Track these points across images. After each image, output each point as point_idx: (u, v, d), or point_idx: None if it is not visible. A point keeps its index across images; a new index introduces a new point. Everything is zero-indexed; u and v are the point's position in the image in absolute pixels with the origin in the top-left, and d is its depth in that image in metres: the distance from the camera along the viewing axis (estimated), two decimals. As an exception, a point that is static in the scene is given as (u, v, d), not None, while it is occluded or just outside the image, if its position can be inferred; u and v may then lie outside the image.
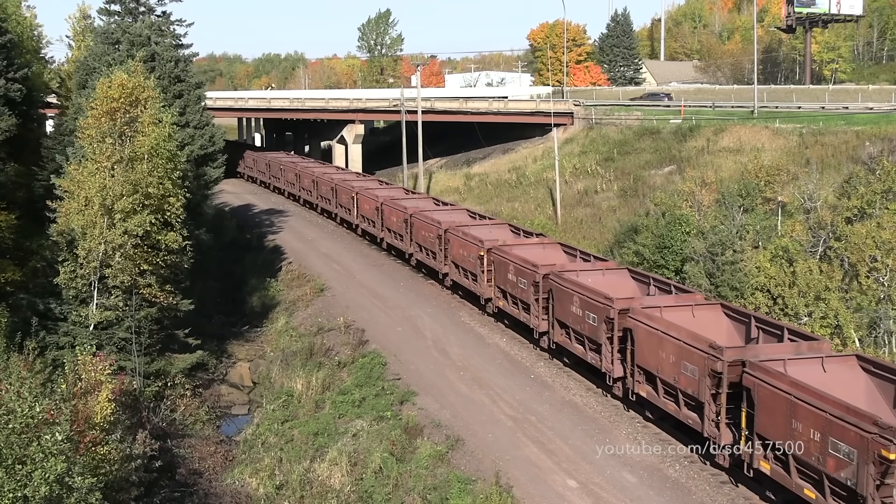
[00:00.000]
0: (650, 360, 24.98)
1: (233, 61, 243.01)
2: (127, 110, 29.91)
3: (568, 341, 30.05)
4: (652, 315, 25.39)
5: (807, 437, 19.40)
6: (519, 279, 32.88)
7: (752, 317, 25.44)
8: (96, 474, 17.28)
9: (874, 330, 31.48)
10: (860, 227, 33.81)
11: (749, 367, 21.32)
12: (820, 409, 19.07)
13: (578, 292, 28.88)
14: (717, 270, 37.98)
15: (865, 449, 17.92)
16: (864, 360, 21.88)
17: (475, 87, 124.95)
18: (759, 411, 20.85)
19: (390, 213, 46.75)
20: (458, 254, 38.42)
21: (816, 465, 19.24)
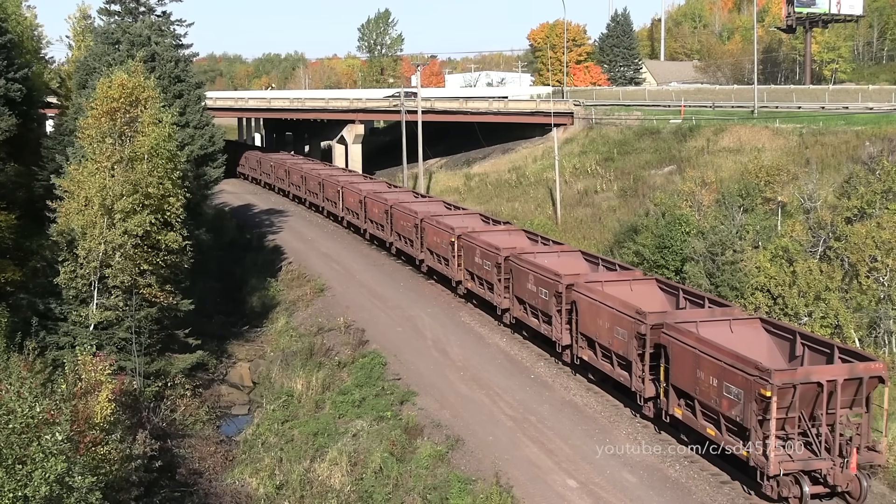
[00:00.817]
0: (591, 328, 28.03)
1: (233, 61, 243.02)
2: (127, 110, 29.91)
3: (525, 316, 32.88)
4: (593, 288, 28.59)
5: (707, 384, 22.38)
6: (484, 262, 35.83)
7: (681, 289, 28.52)
8: (96, 474, 17.27)
9: (874, 330, 31.48)
10: (860, 227, 33.81)
11: (665, 328, 24.25)
12: (716, 359, 22.07)
13: (533, 271, 31.84)
14: (717, 270, 37.97)
15: (749, 389, 20.86)
16: (766, 322, 24.77)
17: (475, 87, 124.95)
18: (673, 365, 23.80)
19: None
20: (432, 241, 41.45)
21: (715, 407, 22.25)
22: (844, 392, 21.07)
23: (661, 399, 24.89)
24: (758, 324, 24.72)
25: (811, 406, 21.12)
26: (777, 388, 20.34)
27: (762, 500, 21.76)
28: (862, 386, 21.25)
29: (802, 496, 20.92)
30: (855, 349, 24.13)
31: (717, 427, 22.50)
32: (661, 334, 24.42)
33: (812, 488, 21.02)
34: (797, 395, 20.64)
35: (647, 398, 25.58)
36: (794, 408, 20.80)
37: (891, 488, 23.03)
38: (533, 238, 38.47)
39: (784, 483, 21.03)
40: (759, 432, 20.69)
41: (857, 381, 21.16)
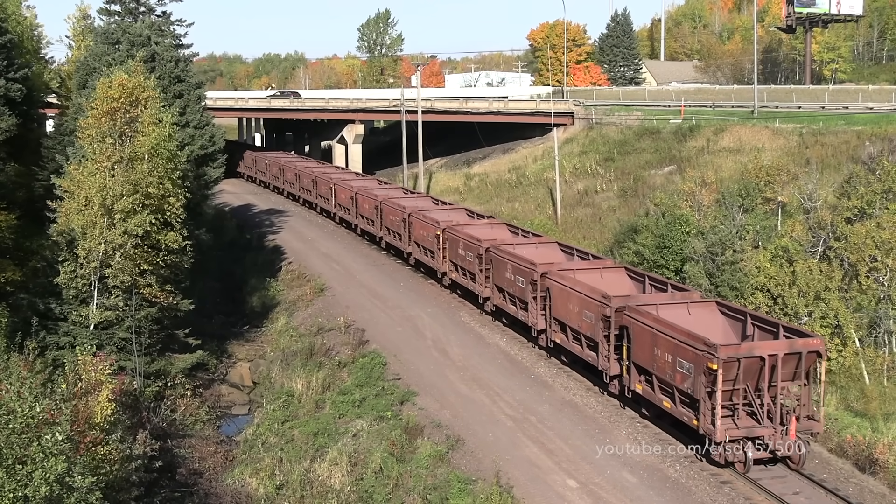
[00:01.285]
0: (562, 312, 29.91)
1: (233, 61, 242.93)
2: (127, 110, 29.90)
3: (505, 303, 34.65)
4: (565, 276, 30.50)
5: (664, 360, 24.22)
6: (467, 253, 37.57)
7: (647, 276, 30.59)
8: (96, 474, 17.27)
9: (874, 330, 31.47)
10: (860, 227, 33.80)
11: (627, 310, 26.15)
12: (671, 337, 23.96)
13: (511, 260, 33.64)
14: (717, 270, 37.96)
15: (699, 363, 22.81)
16: (721, 305, 26.96)
17: (475, 87, 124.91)
18: (634, 344, 25.71)
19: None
20: (419, 234, 43.03)
21: (670, 381, 24.09)
22: (785, 366, 22.92)
23: (624, 376, 26.70)
24: (714, 306, 26.83)
25: (755, 378, 22.90)
26: (722, 362, 22.24)
27: (713, 466, 23.32)
28: (801, 360, 23.05)
29: (746, 461, 22.82)
30: (799, 327, 25.66)
31: (672, 399, 24.32)
32: (624, 316, 26.25)
33: (755, 454, 22.89)
34: (741, 369, 22.56)
35: (612, 376, 27.33)
36: (739, 380, 22.70)
37: (891, 488, 23.06)
38: (514, 231, 40.36)
39: (730, 449, 22.87)
40: (708, 403, 22.67)
41: (796, 356, 23.00)
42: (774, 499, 21.85)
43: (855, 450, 24.77)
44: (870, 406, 28.18)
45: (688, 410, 23.72)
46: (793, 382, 23.12)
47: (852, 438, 25.37)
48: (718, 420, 22.46)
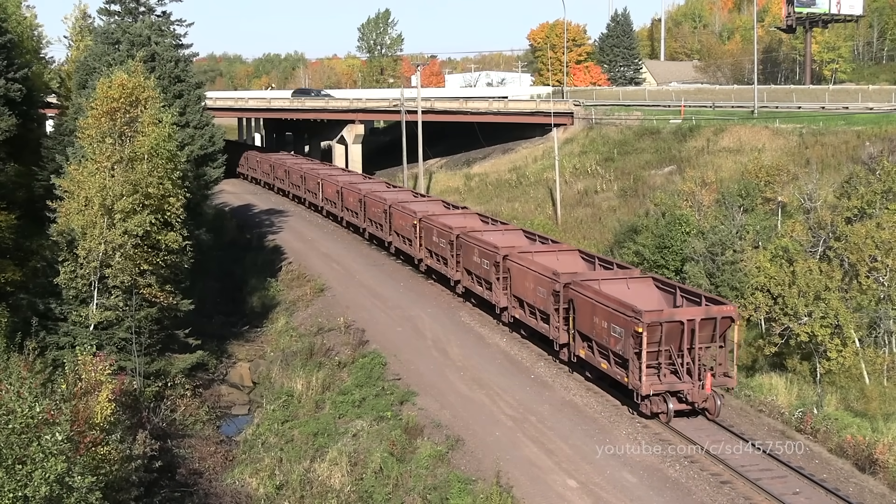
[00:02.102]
0: (520, 290, 32.84)
1: (233, 61, 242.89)
2: (127, 110, 29.89)
3: (473, 285, 37.41)
4: (524, 257, 33.43)
5: (601, 327, 27.25)
6: (440, 240, 40.10)
7: (597, 258, 33.81)
8: (96, 474, 17.27)
9: (874, 330, 31.47)
10: (860, 227, 33.80)
11: (573, 285, 29.16)
12: (607, 306, 27.05)
13: (478, 245, 36.53)
14: (717, 270, 37.96)
15: (628, 328, 25.75)
16: (657, 280, 30.36)
17: (475, 87, 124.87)
18: (578, 314, 28.78)
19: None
20: (398, 224, 45.70)
21: (606, 345, 27.04)
22: (703, 329, 25.92)
23: (570, 344, 29.65)
24: (650, 281, 30.15)
25: (678, 340, 25.80)
26: (647, 326, 25.20)
27: (642, 418, 26.42)
28: (717, 325, 26.11)
29: (668, 412, 25.83)
30: (718, 298, 28.61)
31: (608, 361, 27.34)
32: (570, 290, 29.28)
33: (676, 406, 25.94)
34: (664, 332, 25.54)
35: (561, 344, 30.28)
36: (662, 342, 25.65)
37: (891, 488, 23.06)
38: (485, 220, 43.34)
39: (655, 402, 25.95)
40: (636, 362, 25.64)
41: (712, 321, 26.06)
42: (774, 499, 21.85)
43: (855, 450, 24.80)
44: (870, 406, 28.19)
45: (620, 370, 26.65)
46: (711, 344, 26.14)
47: (852, 438, 25.38)
48: (644, 376, 25.49)
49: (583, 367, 29.49)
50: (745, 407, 28.44)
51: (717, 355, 26.19)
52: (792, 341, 30.50)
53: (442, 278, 40.83)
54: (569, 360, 30.18)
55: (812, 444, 25.52)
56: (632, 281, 29.86)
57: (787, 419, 27.37)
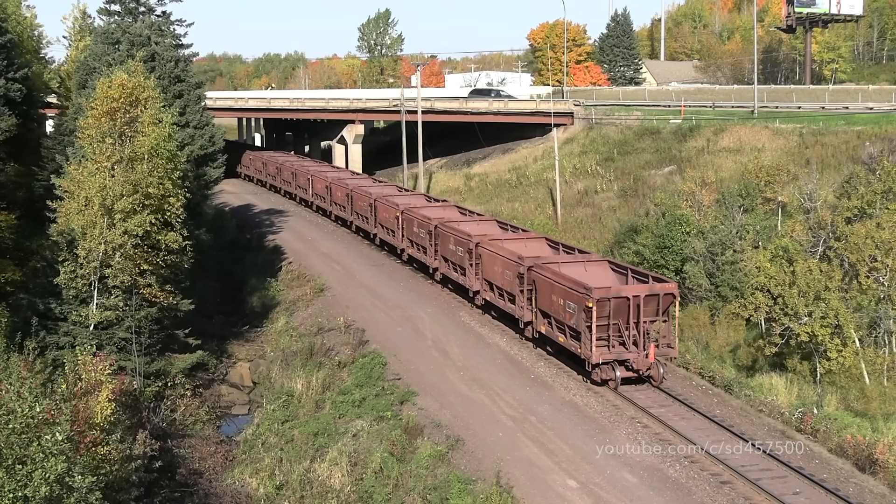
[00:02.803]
0: (490, 274, 35.38)
1: (233, 61, 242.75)
2: (127, 110, 29.88)
3: (449, 271, 39.73)
4: (494, 244, 36.05)
5: (559, 305, 30.04)
6: (420, 230, 42.39)
7: (561, 244, 36.73)
8: (96, 474, 17.26)
9: (874, 330, 31.46)
10: (860, 227, 33.79)
11: (535, 268, 31.90)
12: (563, 285, 29.88)
13: (454, 234, 38.86)
14: (717, 270, 37.97)
15: (580, 303, 28.58)
16: (611, 263, 33.41)
17: (475, 86, 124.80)
18: (539, 294, 31.58)
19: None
20: (383, 217, 48.15)
21: (562, 320, 29.91)
22: (647, 305, 28.71)
23: (533, 321, 32.25)
24: (606, 264, 33.09)
25: (625, 315, 28.49)
26: (596, 301, 27.95)
27: (593, 385, 29.11)
28: (660, 301, 28.90)
29: (616, 378, 28.48)
30: (662, 277, 31.44)
31: (564, 335, 30.13)
32: (533, 272, 31.90)
33: (623, 373, 28.55)
34: (612, 307, 28.28)
35: (525, 322, 32.88)
36: (610, 316, 28.29)
37: (891, 488, 23.06)
38: (462, 212, 45.94)
39: (604, 370, 28.69)
40: (587, 334, 28.32)
41: (656, 297, 28.87)
42: (774, 499, 21.85)
43: (855, 450, 24.81)
44: (870, 406, 28.18)
45: (574, 342, 29.37)
46: (657, 318, 28.86)
47: (852, 438, 25.39)
48: (594, 347, 28.24)
49: (544, 342, 32.31)
50: (745, 407, 28.46)
51: (661, 328, 28.85)
52: (792, 341, 30.49)
53: (422, 266, 43.16)
54: (532, 336, 32.89)
55: (812, 444, 25.53)
56: (589, 263, 32.79)
57: (787, 419, 27.38)
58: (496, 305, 35.49)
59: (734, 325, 34.99)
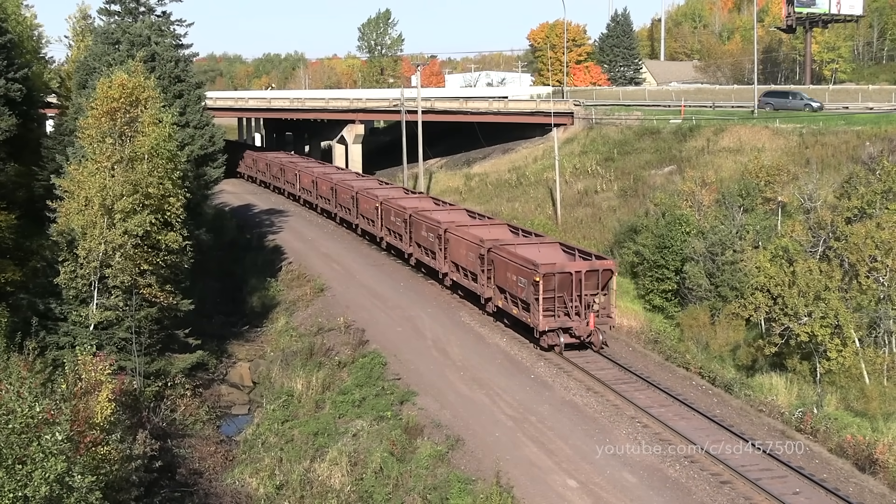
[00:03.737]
0: (456, 256, 38.57)
1: (233, 61, 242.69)
2: (127, 110, 29.88)
3: (422, 256, 42.56)
4: (459, 230, 38.99)
5: (512, 280, 33.38)
6: (397, 219, 45.50)
7: (521, 229, 40.04)
8: (96, 474, 17.27)
9: (874, 330, 31.48)
10: (860, 227, 33.80)
11: (494, 249, 35.11)
12: (516, 263, 33.19)
13: (425, 221, 41.83)
14: (717, 270, 37.98)
15: (529, 278, 31.99)
16: (562, 244, 36.57)
17: (475, 87, 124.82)
18: (496, 272, 34.92)
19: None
20: (364, 208, 51.08)
21: (515, 294, 33.27)
22: (588, 279, 32.19)
23: (492, 297, 35.38)
24: (557, 246, 36.24)
25: (568, 288, 31.91)
26: (543, 276, 31.33)
27: (542, 351, 32.43)
28: (599, 276, 32.35)
29: (560, 344, 31.87)
30: (602, 255, 35.22)
31: (517, 307, 33.35)
32: (492, 253, 35.06)
33: (567, 339, 31.96)
34: (556, 281, 31.63)
35: (486, 298, 36.02)
36: (555, 289, 31.66)
37: (891, 488, 23.07)
38: (436, 202, 48.94)
39: (550, 336, 32.03)
40: (536, 305, 31.66)
41: (596, 273, 32.35)
42: (774, 499, 21.85)
43: (855, 450, 24.83)
44: (870, 406, 28.20)
45: (525, 313, 32.66)
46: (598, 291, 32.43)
47: (852, 438, 25.41)
48: (541, 316, 31.62)
49: (502, 315, 35.48)
50: (745, 407, 28.46)
51: (601, 300, 32.42)
52: (792, 341, 30.51)
53: (399, 254, 46.03)
54: (492, 311, 36.08)
55: (812, 444, 25.54)
56: (542, 245, 35.98)
57: (787, 419, 27.39)
58: (462, 285, 38.55)
59: (734, 325, 35.01)
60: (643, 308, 40.95)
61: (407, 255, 44.53)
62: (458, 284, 38.99)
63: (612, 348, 33.30)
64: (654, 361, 32.98)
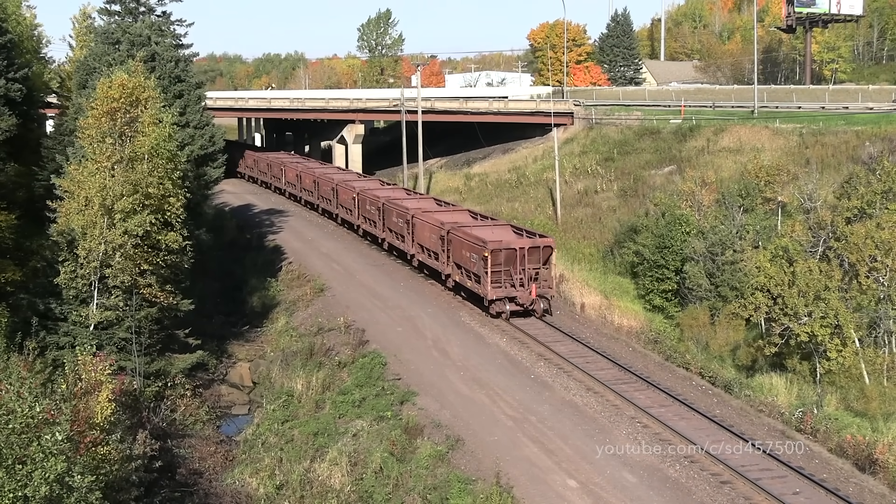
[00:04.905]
0: (421, 238, 42.62)
1: (233, 61, 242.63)
2: (127, 110, 29.87)
3: (394, 239, 46.69)
4: (424, 215, 42.97)
5: (467, 256, 37.58)
6: (371, 207, 49.59)
7: (479, 214, 44.53)
8: (96, 474, 17.26)
9: (874, 330, 31.48)
10: (860, 227, 33.80)
11: (453, 230, 39.12)
12: (469, 241, 37.41)
13: (395, 208, 46.09)
14: (717, 270, 37.98)
15: (480, 254, 36.21)
16: (513, 226, 40.79)
17: (475, 87, 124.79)
18: (453, 249, 39.03)
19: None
20: (343, 198, 55.34)
21: (469, 268, 37.46)
22: (531, 255, 36.19)
23: (451, 273, 39.35)
24: (508, 227, 40.28)
25: (514, 262, 35.91)
26: (491, 252, 35.56)
27: (491, 318, 36.40)
28: (540, 251, 36.39)
29: (506, 311, 35.91)
30: (546, 234, 39.06)
31: (470, 280, 37.62)
32: (451, 234, 39.01)
33: (512, 307, 35.99)
34: (503, 256, 35.81)
35: (446, 275, 40.00)
36: (502, 263, 35.83)
37: (891, 488, 23.07)
38: (408, 192, 53.40)
39: (498, 304, 36.08)
40: (485, 277, 35.88)
41: (538, 249, 36.39)
42: (774, 499, 21.85)
43: (855, 450, 24.84)
44: (870, 406, 28.20)
45: (477, 285, 36.86)
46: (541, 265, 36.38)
47: (852, 438, 25.41)
48: (489, 287, 35.87)
49: (459, 289, 39.41)
50: (745, 407, 28.46)
51: (543, 274, 36.41)
52: (792, 341, 30.51)
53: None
54: (451, 286, 39.88)
55: (812, 444, 25.54)
56: (495, 227, 40.09)
57: (787, 419, 27.39)
58: (426, 264, 42.35)
59: (734, 325, 35.01)
60: (643, 308, 40.98)
61: (380, 240, 48.61)
62: (424, 264, 43.14)
63: (615, 349, 33.31)
64: (654, 361, 32.99)
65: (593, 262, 47.16)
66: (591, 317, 38.59)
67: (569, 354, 32.29)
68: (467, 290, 38.16)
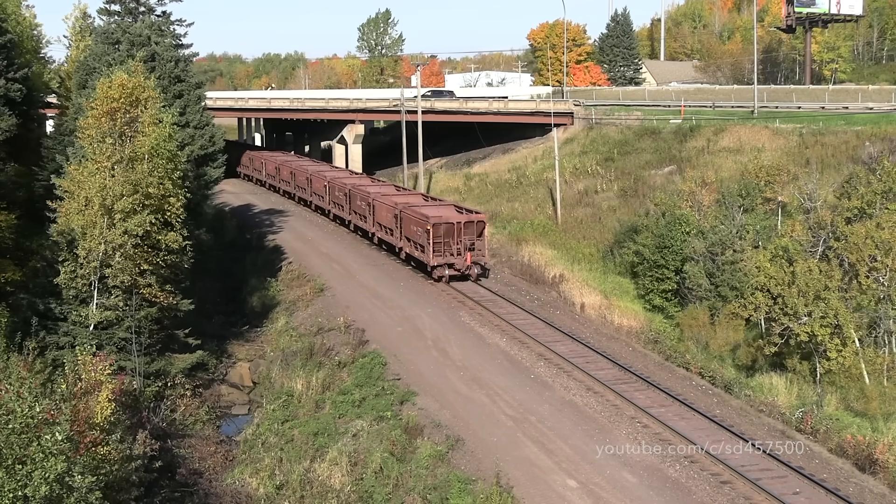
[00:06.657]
0: (380, 218, 48.82)
1: (233, 61, 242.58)
2: (127, 110, 29.88)
3: (358, 220, 52.83)
4: (384, 198, 49.40)
5: (414, 230, 43.46)
6: (339, 193, 56.24)
7: (430, 197, 51.80)
8: (96, 474, 17.25)
9: (874, 330, 31.49)
10: (860, 227, 33.80)
11: (404, 209, 45.11)
12: (416, 216, 43.37)
13: (360, 193, 52.47)
14: (717, 270, 37.98)
15: (423, 227, 42.15)
16: (455, 205, 47.33)
17: (475, 87, 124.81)
18: (404, 226, 45.02)
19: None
20: (316, 187, 61.42)
21: (416, 241, 43.36)
22: (467, 228, 42.41)
23: (403, 246, 45.16)
24: (452, 207, 46.35)
25: (452, 235, 41.93)
26: (432, 226, 41.55)
27: (433, 283, 42.28)
28: (475, 225, 42.74)
29: (445, 276, 42.00)
30: (480, 211, 46.11)
31: (417, 251, 43.45)
32: (402, 212, 44.92)
33: (450, 272, 42.04)
34: (442, 230, 41.87)
35: (398, 248, 46.11)
36: (442, 235, 41.77)
37: (891, 488, 23.08)
38: (373, 180, 60.12)
39: (439, 270, 42.08)
40: (428, 247, 41.85)
41: (473, 223, 42.74)
42: (774, 499, 21.86)
43: (855, 450, 24.86)
44: (870, 406, 28.21)
45: (423, 254, 42.72)
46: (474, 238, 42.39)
47: (852, 438, 25.42)
48: (431, 255, 41.78)
49: (409, 261, 45.11)
50: (745, 407, 28.47)
51: (478, 245, 42.56)
52: (792, 341, 30.52)
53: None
54: (404, 258, 45.60)
55: (812, 444, 25.55)
56: (441, 206, 46.34)
57: (787, 419, 27.40)
58: (384, 240, 48.38)
59: (734, 325, 35.01)
60: (643, 308, 40.98)
61: (347, 222, 54.92)
62: (383, 241, 49.16)
63: (615, 349, 33.26)
64: (654, 361, 33.00)
65: (593, 261, 47.17)
66: (591, 317, 38.59)
67: (569, 354, 32.31)
68: (415, 259, 43.98)
